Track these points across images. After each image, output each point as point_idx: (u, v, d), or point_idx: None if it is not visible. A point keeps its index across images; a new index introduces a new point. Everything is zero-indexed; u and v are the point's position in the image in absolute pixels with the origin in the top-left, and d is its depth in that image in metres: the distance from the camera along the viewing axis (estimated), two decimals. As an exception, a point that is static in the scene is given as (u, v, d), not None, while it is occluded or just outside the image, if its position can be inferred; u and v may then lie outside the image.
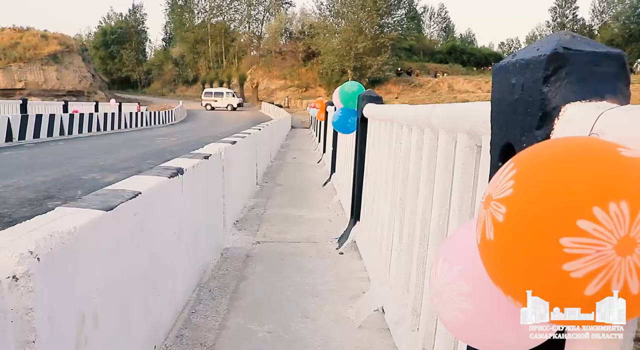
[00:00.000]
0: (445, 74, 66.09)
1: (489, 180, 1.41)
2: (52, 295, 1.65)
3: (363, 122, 4.81)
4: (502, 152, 1.25)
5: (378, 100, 4.70)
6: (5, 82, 49.91)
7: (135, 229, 2.45)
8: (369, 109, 4.53)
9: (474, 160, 1.92)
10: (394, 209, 3.33)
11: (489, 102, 1.37)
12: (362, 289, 3.95)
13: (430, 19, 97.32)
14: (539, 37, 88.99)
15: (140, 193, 2.47)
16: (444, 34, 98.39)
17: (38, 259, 1.56)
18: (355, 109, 5.08)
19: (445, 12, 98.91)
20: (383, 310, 3.23)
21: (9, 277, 1.48)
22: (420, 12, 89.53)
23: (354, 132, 5.34)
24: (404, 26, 67.14)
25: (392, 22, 65.02)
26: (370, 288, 3.77)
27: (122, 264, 2.32)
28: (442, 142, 2.27)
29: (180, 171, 3.22)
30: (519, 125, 1.13)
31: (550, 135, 1.03)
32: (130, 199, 2.35)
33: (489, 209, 0.77)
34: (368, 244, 4.39)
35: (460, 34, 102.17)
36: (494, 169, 1.33)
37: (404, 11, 66.62)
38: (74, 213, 2.01)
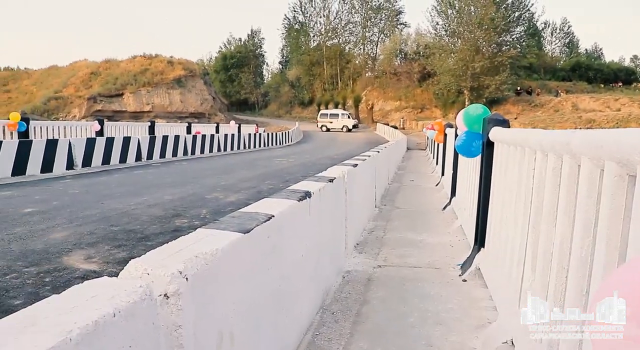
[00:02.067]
0: (568, 93, 62.94)
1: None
2: (197, 313, 1.72)
3: (489, 146, 4.67)
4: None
5: (504, 123, 4.55)
6: (135, 106, 53.78)
7: (268, 251, 2.52)
8: (496, 133, 4.40)
9: (625, 191, 1.80)
10: (524, 237, 3.20)
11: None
12: (487, 318, 3.81)
13: (552, 34, 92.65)
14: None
15: (274, 216, 2.54)
16: (567, 49, 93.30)
17: (186, 278, 1.64)
18: (480, 133, 4.95)
19: (569, 27, 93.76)
20: (512, 343, 3.09)
21: (161, 295, 1.56)
22: (540, 28, 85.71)
23: (478, 156, 5.22)
24: (524, 43, 64.89)
25: (511, 39, 63.14)
26: (498, 318, 3.63)
27: (256, 285, 2.39)
28: (584, 170, 2.16)
29: (308, 194, 3.29)
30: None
31: None
32: (264, 222, 2.42)
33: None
34: (494, 272, 4.24)
35: (586, 49, 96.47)
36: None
37: (523, 28, 64.44)
38: (214, 235, 2.09)
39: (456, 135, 7.59)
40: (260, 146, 33.44)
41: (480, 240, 4.94)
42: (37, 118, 31.61)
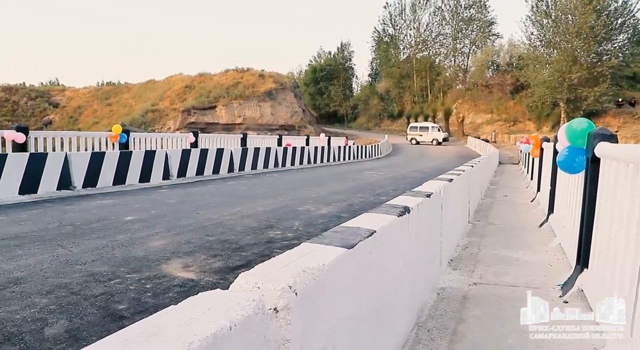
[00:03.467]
0: (677, 103, 58.62)
1: None
2: (304, 328, 1.74)
3: (594, 162, 4.47)
4: None
5: (612, 138, 4.34)
6: (227, 118, 55.25)
7: (369, 267, 2.53)
8: (603, 149, 4.20)
9: None
10: (638, 259, 3.03)
11: None
12: (594, 344, 3.62)
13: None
14: None
15: (375, 231, 2.54)
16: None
17: (296, 293, 1.66)
18: (584, 148, 4.75)
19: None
20: (623, 372, 2.93)
21: (271, 309, 1.60)
22: (647, 34, 79.86)
23: (580, 172, 5.01)
24: (627, 52, 60.83)
25: (612, 48, 59.65)
26: (606, 345, 3.45)
27: (357, 301, 2.40)
28: None
29: (407, 210, 3.27)
30: None
31: None
32: (367, 237, 2.43)
33: None
34: (600, 294, 4.02)
35: None
36: None
37: (627, 35, 60.40)
38: (318, 249, 2.12)
39: (555, 150, 7.33)
40: (349, 159, 33.59)
41: (583, 260, 4.72)
42: (135, 130, 33.19)
